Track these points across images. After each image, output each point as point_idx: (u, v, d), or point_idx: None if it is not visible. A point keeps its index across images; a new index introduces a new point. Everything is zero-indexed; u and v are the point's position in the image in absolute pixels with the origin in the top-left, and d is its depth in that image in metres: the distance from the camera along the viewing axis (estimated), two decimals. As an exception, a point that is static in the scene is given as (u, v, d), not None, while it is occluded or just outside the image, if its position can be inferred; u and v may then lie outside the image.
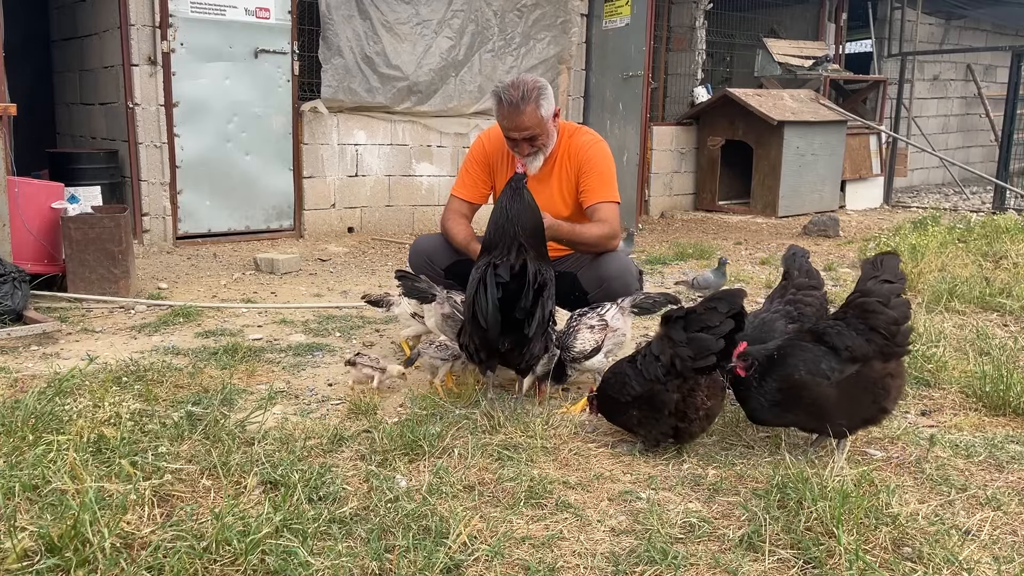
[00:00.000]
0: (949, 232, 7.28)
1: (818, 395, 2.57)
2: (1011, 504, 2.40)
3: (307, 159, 7.37)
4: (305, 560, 1.92)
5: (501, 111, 3.45)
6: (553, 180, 3.64)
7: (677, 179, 10.03)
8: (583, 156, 3.60)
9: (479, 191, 3.78)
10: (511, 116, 3.43)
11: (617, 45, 8.60)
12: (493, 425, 2.85)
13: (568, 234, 3.52)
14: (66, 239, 4.73)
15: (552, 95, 3.51)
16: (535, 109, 3.41)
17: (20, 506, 2.09)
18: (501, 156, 3.71)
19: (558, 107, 3.59)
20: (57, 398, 2.81)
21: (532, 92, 3.40)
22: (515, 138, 3.50)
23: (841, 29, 11.62)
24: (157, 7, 6.40)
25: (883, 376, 2.58)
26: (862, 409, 2.61)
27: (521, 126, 3.44)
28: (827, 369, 2.57)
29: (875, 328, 2.54)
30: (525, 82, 3.43)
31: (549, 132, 3.53)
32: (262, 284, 5.54)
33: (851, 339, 2.55)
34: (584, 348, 3.19)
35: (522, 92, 3.38)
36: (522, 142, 3.50)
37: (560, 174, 3.64)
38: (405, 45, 7.64)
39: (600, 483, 2.51)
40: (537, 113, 3.42)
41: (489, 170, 3.76)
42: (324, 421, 2.97)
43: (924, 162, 13.46)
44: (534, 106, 3.40)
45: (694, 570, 2.02)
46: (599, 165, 3.59)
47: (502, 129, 3.53)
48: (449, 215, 3.77)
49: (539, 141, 3.51)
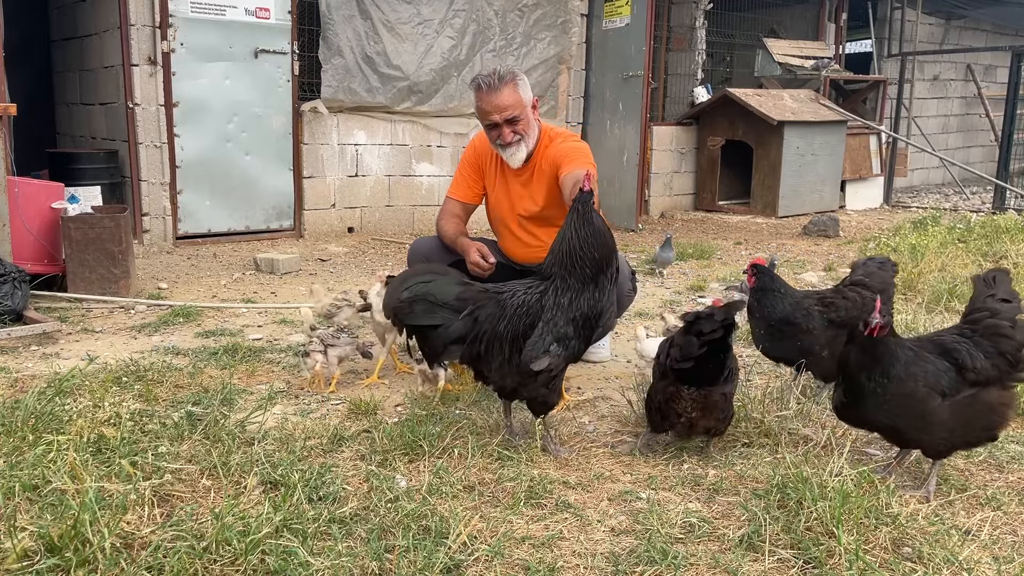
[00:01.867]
0: (949, 232, 7.29)
1: (928, 410, 2.39)
2: (1011, 504, 2.40)
3: (307, 159, 7.37)
4: (305, 560, 1.92)
5: (480, 96, 3.44)
6: (538, 180, 3.58)
7: (677, 179, 10.03)
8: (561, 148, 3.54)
9: (472, 192, 3.79)
10: (489, 97, 3.41)
11: (617, 45, 8.60)
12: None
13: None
14: (66, 239, 4.73)
15: (529, 85, 3.52)
16: (513, 89, 3.41)
17: (20, 506, 2.09)
18: (490, 158, 3.70)
19: (536, 98, 3.59)
20: (57, 398, 2.81)
21: (510, 74, 3.43)
22: (496, 121, 3.44)
23: (841, 29, 11.62)
24: (157, 7, 6.40)
25: (999, 403, 2.43)
26: (970, 433, 2.44)
27: (501, 105, 3.40)
28: (946, 386, 2.40)
29: (1003, 353, 2.40)
30: (501, 69, 3.47)
31: (530, 120, 3.49)
32: (262, 284, 5.54)
33: (980, 361, 2.40)
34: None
35: (499, 74, 3.41)
36: (504, 126, 3.44)
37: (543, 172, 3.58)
38: (406, 45, 7.63)
39: (600, 483, 2.51)
40: (516, 93, 3.41)
41: (480, 171, 3.76)
42: (324, 421, 2.97)
43: (924, 162, 13.46)
44: (512, 86, 3.41)
45: (694, 570, 2.02)
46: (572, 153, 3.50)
47: (482, 116, 3.50)
48: (443, 215, 3.79)
49: (520, 125, 3.46)
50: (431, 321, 2.64)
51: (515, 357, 2.64)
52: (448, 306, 2.64)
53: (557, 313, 2.66)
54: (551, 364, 2.62)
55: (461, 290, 2.68)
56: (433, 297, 2.64)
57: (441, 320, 2.64)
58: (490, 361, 2.68)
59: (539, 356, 2.61)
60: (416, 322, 2.65)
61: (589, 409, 3.21)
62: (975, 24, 14.33)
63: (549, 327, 2.64)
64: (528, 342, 2.64)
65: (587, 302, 2.67)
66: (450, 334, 2.64)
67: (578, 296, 2.67)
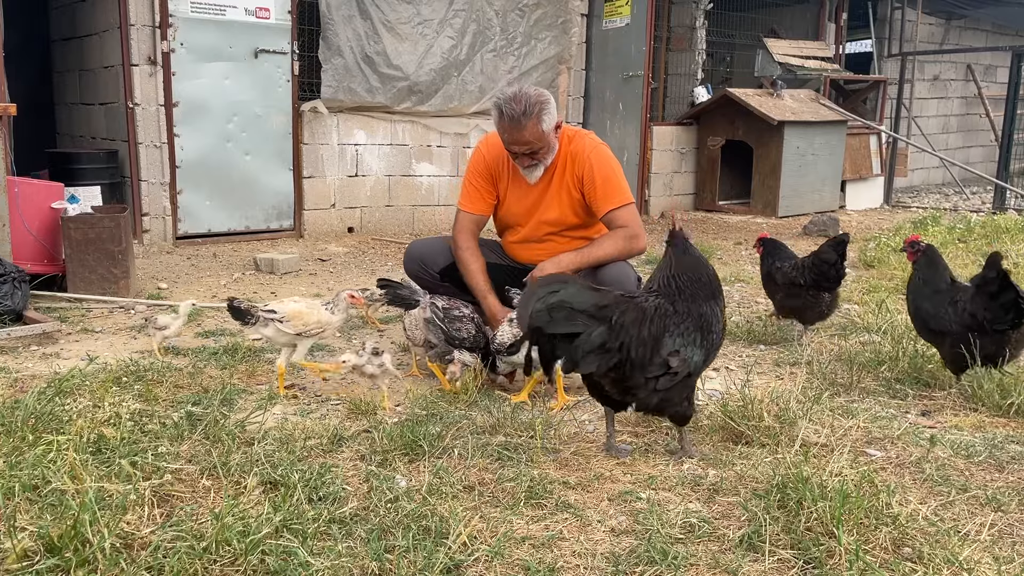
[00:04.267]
0: (949, 232, 7.29)
1: None
2: (1011, 504, 2.40)
3: (307, 159, 7.36)
4: (305, 560, 1.91)
5: (502, 124, 3.39)
6: (557, 189, 3.60)
7: (677, 179, 10.03)
8: (583, 165, 3.53)
9: (485, 203, 3.72)
10: (511, 130, 3.38)
11: (617, 45, 8.60)
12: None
13: (581, 263, 3.46)
14: (66, 239, 4.73)
15: (555, 107, 3.45)
16: (536, 124, 3.35)
17: (20, 506, 2.09)
18: (502, 163, 3.67)
19: (560, 119, 3.53)
20: (57, 398, 2.81)
21: (535, 107, 3.33)
22: (515, 151, 3.48)
23: (841, 29, 11.62)
24: (157, 7, 6.40)
25: None
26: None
27: (521, 140, 3.39)
28: None
29: None
30: (528, 95, 3.35)
31: (550, 145, 3.48)
32: (262, 284, 5.54)
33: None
34: (503, 341, 3.27)
35: (524, 107, 3.31)
36: (522, 155, 3.48)
37: (563, 182, 3.59)
38: (406, 45, 7.63)
39: (600, 483, 2.51)
40: (538, 128, 3.36)
41: (492, 179, 3.70)
42: (324, 421, 2.97)
43: (924, 162, 13.46)
44: (535, 121, 3.34)
45: (694, 570, 2.02)
46: (602, 171, 3.51)
47: (503, 141, 3.48)
48: (460, 236, 3.67)
49: (540, 155, 3.47)
50: (572, 329, 2.47)
51: (657, 358, 2.54)
52: (587, 313, 2.48)
53: (688, 320, 2.61)
54: (685, 365, 2.56)
55: (599, 296, 2.53)
56: (571, 304, 2.47)
57: (582, 327, 2.47)
58: (632, 370, 2.54)
59: (679, 357, 2.56)
60: (557, 330, 2.45)
61: (589, 409, 3.21)
62: (975, 24, 14.33)
63: (681, 331, 2.59)
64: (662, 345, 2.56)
65: (710, 314, 2.67)
66: (592, 341, 2.48)
67: (703, 306, 2.65)
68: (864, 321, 4.51)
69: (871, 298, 5.06)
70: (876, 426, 3.00)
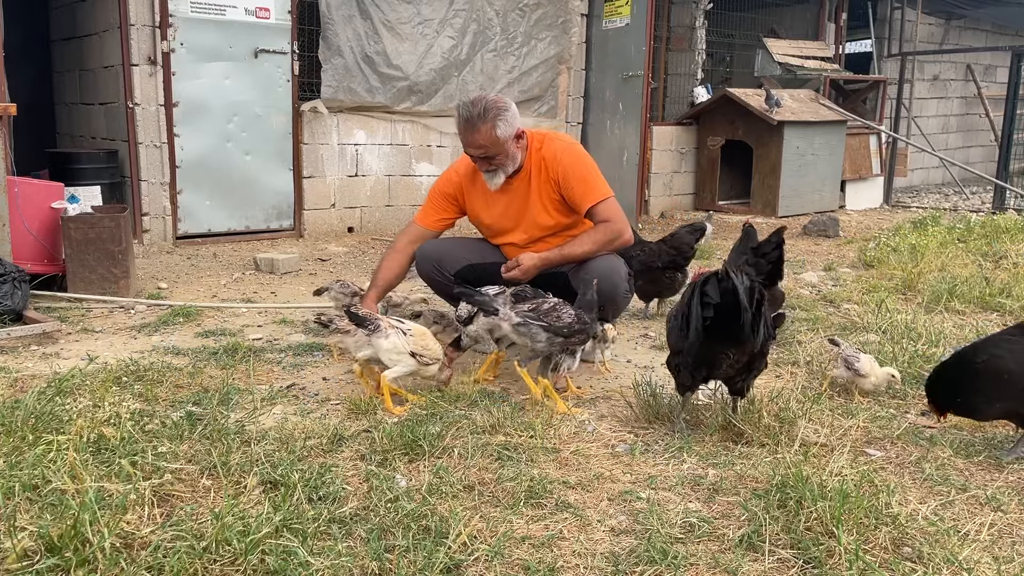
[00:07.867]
0: (949, 232, 7.29)
1: None
2: (1011, 504, 2.40)
3: (307, 159, 7.36)
4: (305, 560, 1.92)
5: (458, 125, 3.47)
6: (538, 194, 3.63)
7: (677, 179, 10.03)
8: (558, 168, 3.56)
9: (438, 219, 3.87)
10: (465, 132, 3.45)
11: (617, 45, 8.60)
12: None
13: (561, 258, 3.55)
14: (66, 239, 4.73)
15: (515, 117, 3.46)
16: (491, 129, 3.39)
17: (20, 506, 2.09)
18: (471, 178, 3.76)
19: (521, 128, 3.53)
20: (57, 398, 2.82)
21: (490, 111, 3.38)
22: (472, 154, 3.54)
23: (841, 29, 11.62)
24: (157, 7, 6.40)
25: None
26: None
27: (474, 143, 3.45)
28: None
29: None
30: (486, 100, 3.41)
31: (508, 153, 3.49)
32: (262, 284, 5.54)
33: None
34: (460, 314, 3.47)
35: (480, 109, 3.37)
36: (479, 159, 3.53)
37: (538, 186, 3.62)
38: (406, 45, 7.63)
39: (600, 483, 2.51)
40: (492, 133, 3.40)
41: (453, 198, 3.82)
42: (324, 421, 2.97)
43: (924, 162, 13.46)
44: (490, 126, 3.38)
45: (694, 570, 2.02)
46: (576, 171, 3.55)
47: (461, 142, 3.55)
48: (400, 238, 3.91)
49: (496, 161, 3.50)
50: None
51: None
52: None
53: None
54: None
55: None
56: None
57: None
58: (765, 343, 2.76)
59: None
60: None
61: (589, 409, 3.21)
62: (975, 24, 14.33)
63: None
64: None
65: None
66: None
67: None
68: (864, 321, 4.51)
69: (871, 298, 5.06)
70: (876, 426, 3.01)
